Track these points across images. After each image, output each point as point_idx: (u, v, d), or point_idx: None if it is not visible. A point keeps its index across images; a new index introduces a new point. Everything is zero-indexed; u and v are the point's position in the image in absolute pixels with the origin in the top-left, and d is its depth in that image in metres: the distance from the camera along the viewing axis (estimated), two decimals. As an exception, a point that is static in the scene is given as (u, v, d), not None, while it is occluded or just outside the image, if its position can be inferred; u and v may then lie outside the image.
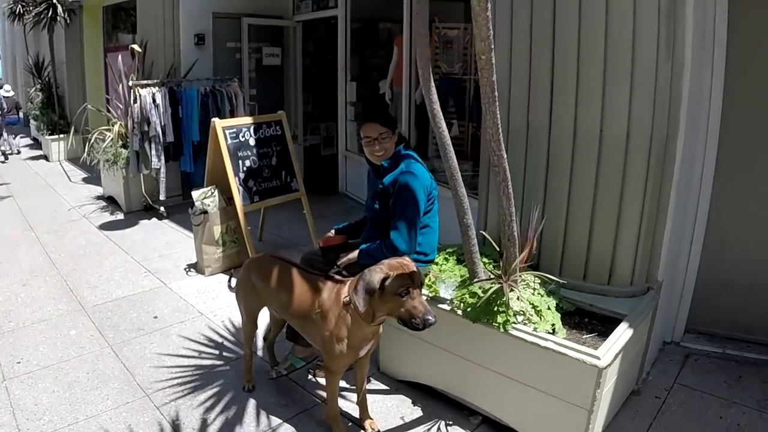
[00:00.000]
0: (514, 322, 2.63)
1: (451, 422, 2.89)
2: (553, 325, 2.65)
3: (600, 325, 2.86)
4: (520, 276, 2.77)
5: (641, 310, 2.89)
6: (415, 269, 2.37)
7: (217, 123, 4.28)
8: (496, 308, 2.65)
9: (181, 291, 4.28)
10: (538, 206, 3.08)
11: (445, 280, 2.97)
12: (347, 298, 2.45)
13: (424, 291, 2.88)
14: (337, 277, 2.64)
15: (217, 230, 4.48)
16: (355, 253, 3.01)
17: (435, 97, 2.52)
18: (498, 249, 2.67)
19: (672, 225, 3.07)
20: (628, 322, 2.75)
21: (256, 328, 3.07)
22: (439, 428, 2.86)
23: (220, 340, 3.62)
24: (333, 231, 3.34)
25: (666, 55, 2.75)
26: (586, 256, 3.09)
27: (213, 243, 4.46)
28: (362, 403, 2.84)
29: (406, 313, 2.30)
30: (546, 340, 2.55)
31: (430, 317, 2.28)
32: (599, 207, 2.99)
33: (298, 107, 7.24)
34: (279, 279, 2.75)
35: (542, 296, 2.77)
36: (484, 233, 2.74)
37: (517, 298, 2.67)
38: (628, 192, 2.93)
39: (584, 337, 2.75)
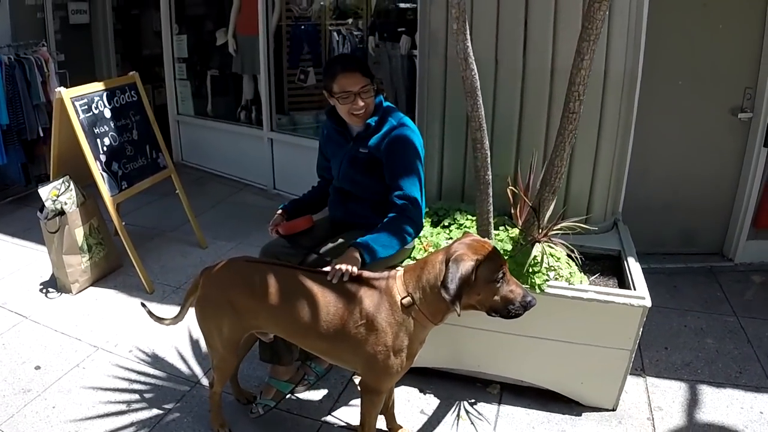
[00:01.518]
0: (547, 279, 2.44)
1: (472, 400, 2.64)
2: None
3: (595, 264, 2.82)
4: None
5: (628, 242, 2.92)
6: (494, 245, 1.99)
7: (65, 93, 3.13)
8: (530, 269, 2.42)
9: (51, 322, 3.16)
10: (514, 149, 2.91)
11: (447, 247, 2.63)
12: (408, 299, 1.93)
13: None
14: (370, 273, 2.05)
15: (80, 234, 3.40)
16: (353, 253, 2.21)
17: (468, 34, 2.10)
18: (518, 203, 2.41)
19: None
20: (631, 257, 2.75)
21: (238, 361, 2.37)
22: (465, 410, 2.58)
23: (143, 378, 2.74)
24: (279, 212, 2.68)
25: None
26: (565, 195, 3.00)
27: (77, 251, 3.38)
28: (390, 412, 2.39)
29: (502, 301, 1.88)
30: (587, 291, 2.42)
31: (530, 298, 1.90)
32: (579, 144, 2.88)
33: (111, 70, 5.89)
34: (281, 291, 2.05)
35: (555, 246, 2.61)
36: (514, 189, 2.44)
37: (547, 254, 2.47)
38: (605, 127, 2.89)
39: (592, 278, 2.69)
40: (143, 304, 2.45)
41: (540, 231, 2.41)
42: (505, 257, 2.46)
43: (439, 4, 2.88)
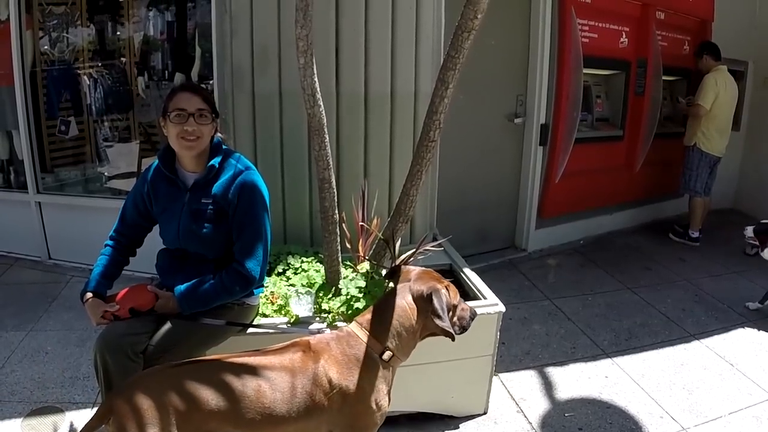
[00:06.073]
0: (407, 307, 2.43)
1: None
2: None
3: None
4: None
5: (455, 254, 3.06)
6: None
7: None
8: (388, 301, 2.38)
9: None
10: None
11: (299, 294, 2.46)
12: (387, 353, 1.84)
13: (279, 320, 2.37)
14: (315, 338, 1.86)
15: None
16: (169, 301, 2.08)
17: (315, 68, 1.99)
18: (380, 235, 2.36)
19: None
20: (465, 267, 2.90)
21: None
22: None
23: None
24: (90, 297, 2.11)
25: (437, 17, 2.86)
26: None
27: None
28: None
29: (459, 320, 1.95)
30: (445, 310, 2.46)
31: (475, 309, 2.01)
32: (398, 166, 2.94)
33: None
34: (233, 387, 1.69)
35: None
36: (365, 224, 2.36)
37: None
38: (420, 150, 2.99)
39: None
40: None
41: (395, 262, 2.38)
42: (360, 294, 2.41)
43: (243, 37, 2.72)
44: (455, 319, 1.93)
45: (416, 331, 1.89)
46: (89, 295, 2.13)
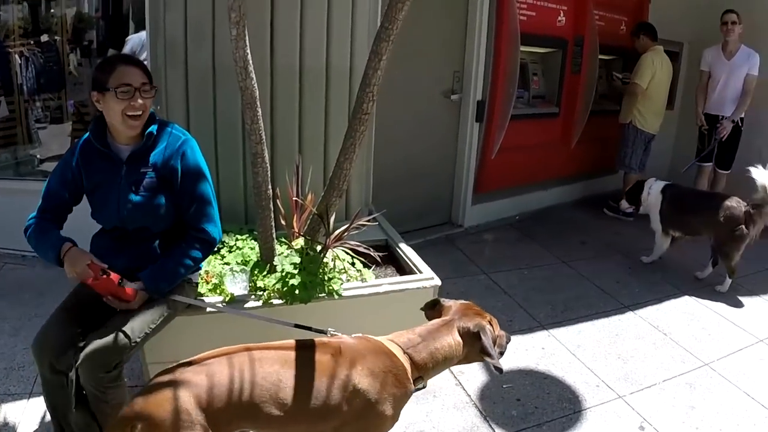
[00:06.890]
0: (342, 283, 2.44)
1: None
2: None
3: (365, 257, 2.88)
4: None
5: (390, 230, 3.09)
6: None
7: None
8: (324, 277, 2.38)
9: None
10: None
11: (234, 272, 2.44)
12: (420, 378, 1.86)
13: (215, 299, 2.33)
14: (345, 341, 1.85)
15: None
16: (135, 285, 1.98)
17: (247, 40, 1.95)
18: (315, 210, 2.35)
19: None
20: (401, 242, 2.94)
21: None
22: None
23: None
24: (70, 244, 1.99)
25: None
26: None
27: None
28: None
29: (498, 347, 1.98)
30: (381, 285, 2.51)
31: (509, 333, 2.07)
32: (333, 142, 2.93)
33: None
34: (261, 383, 1.65)
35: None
36: (298, 199, 2.34)
37: (339, 258, 2.48)
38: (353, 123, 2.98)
39: (370, 271, 2.76)
40: None
41: (329, 237, 2.38)
42: (295, 270, 2.40)
43: (177, 11, 2.64)
44: (495, 347, 1.96)
45: (456, 362, 1.94)
46: (68, 245, 1.98)
